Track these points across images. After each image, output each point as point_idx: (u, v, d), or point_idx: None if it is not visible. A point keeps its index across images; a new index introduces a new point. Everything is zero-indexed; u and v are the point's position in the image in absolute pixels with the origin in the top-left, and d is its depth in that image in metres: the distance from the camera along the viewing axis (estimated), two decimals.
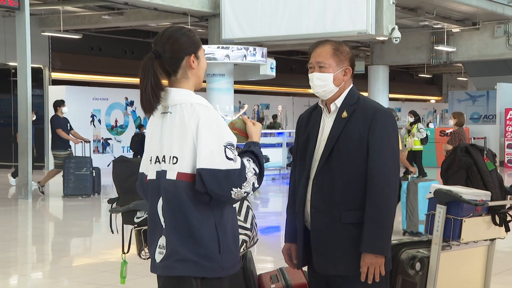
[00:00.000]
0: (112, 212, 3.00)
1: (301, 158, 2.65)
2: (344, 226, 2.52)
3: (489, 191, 3.23)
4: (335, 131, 2.55)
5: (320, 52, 2.60)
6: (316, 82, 2.58)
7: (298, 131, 2.71)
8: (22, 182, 11.05)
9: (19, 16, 11.27)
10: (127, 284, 3.13)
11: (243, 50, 14.59)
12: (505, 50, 19.70)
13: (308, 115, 2.69)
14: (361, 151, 2.50)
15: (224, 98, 15.05)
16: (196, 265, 2.20)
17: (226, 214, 2.27)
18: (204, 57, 2.38)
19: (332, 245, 2.53)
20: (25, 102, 11.17)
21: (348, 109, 2.57)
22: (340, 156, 2.51)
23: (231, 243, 2.27)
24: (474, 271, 3.35)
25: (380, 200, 2.48)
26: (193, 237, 2.21)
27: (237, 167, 2.18)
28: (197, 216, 2.21)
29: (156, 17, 16.13)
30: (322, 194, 2.54)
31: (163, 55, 2.29)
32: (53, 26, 17.17)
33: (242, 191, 2.20)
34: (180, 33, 2.31)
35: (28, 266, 6.46)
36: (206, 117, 2.22)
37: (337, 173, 2.51)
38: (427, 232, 3.17)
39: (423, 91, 32.40)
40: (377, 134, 2.50)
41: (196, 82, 2.33)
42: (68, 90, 17.42)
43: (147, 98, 2.25)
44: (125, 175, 3.02)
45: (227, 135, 2.23)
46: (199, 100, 2.27)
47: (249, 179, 2.20)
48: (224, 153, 2.17)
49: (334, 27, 14.14)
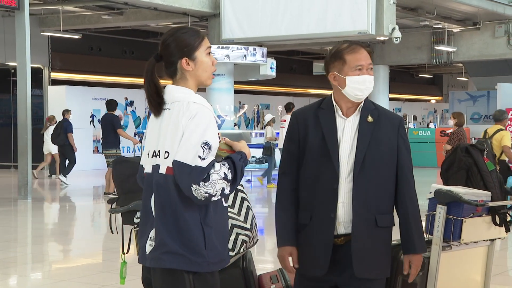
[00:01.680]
0: (112, 213, 3.00)
1: (315, 158, 2.57)
2: (379, 230, 2.56)
3: (489, 192, 3.22)
4: (364, 136, 2.55)
5: (366, 55, 2.59)
6: (370, 85, 2.57)
7: (299, 128, 2.62)
8: (22, 182, 11.04)
9: (18, 16, 11.27)
10: (126, 285, 3.13)
11: (243, 50, 14.59)
12: (505, 50, 19.69)
13: (314, 114, 2.62)
14: (392, 156, 2.59)
15: (224, 98, 15.05)
16: (183, 258, 2.26)
17: (212, 212, 2.30)
18: (206, 55, 2.38)
19: (371, 249, 2.55)
20: (25, 102, 11.17)
21: (371, 113, 2.59)
22: (374, 161, 2.54)
23: (216, 240, 2.30)
24: (474, 272, 3.34)
25: (417, 202, 2.62)
26: (181, 231, 2.26)
27: (202, 165, 2.22)
28: (184, 210, 2.27)
29: (156, 17, 16.13)
30: (362, 199, 2.53)
31: (163, 58, 2.39)
32: (53, 26, 17.17)
33: (202, 190, 2.21)
34: (176, 35, 2.37)
35: (28, 266, 6.45)
36: (198, 115, 2.28)
37: (373, 177, 2.54)
38: (427, 233, 3.17)
39: (424, 91, 32.40)
40: (405, 140, 2.63)
41: (196, 81, 2.38)
42: (67, 90, 17.41)
43: (150, 101, 2.36)
44: (125, 175, 3.02)
45: (210, 136, 2.26)
46: (197, 99, 2.32)
47: (213, 181, 2.22)
48: (198, 150, 2.23)
49: (334, 27, 14.13)
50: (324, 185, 2.55)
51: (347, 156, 2.55)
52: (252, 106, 20.72)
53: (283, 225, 2.65)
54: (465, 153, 3.32)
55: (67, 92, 17.31)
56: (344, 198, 2.54)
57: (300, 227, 2.62)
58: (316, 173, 2.57)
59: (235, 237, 2.91)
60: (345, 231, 2.55)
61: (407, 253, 2.61)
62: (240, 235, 2.94)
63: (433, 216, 3.15)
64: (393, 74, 23.70)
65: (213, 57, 2.42)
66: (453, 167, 3.37)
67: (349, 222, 2.55)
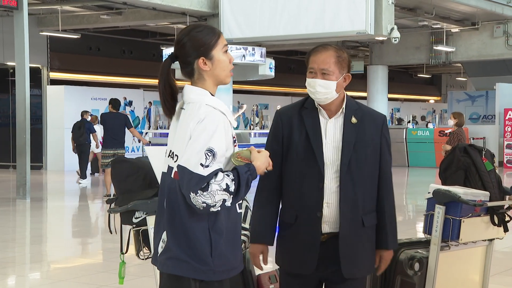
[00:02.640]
0: (110, 212, 2.99)
1: (300, 158, 2.58)
2: (366, 229, 2.59)
3: (487, 192, 3.22)
4: (349, 137, 2.55)
5: (324, 59, 2.57)
6: (319, 89, 2.56)
7: (283, 127, 2.61)
8: (20, 182, 11.04)
9: (17, 15, 11.26)
10: (125, 285, 3.13)
11: (242, 50, 14.59)
12: (504, 50, 19.70)
13: (298, 114, 2.62)
14: (376, 156, 2.61)
15: (223, 98, 14.95)
16: (187, 265, 2.20)
17: (222, 218, 2.23)
18: (223, 53, 2.29)
19: (358, 249, 2.57)
20: (23, 102, 11.16)
21: (355, 114, 2.59)
22: (359, 163, 2.55)
23: (225, 248, 2.23)
24: (473, 272, 3.35)
25: (393, 200, 2.67)
26: (186, 237, 2.21)
27: (202, 173, 2.13)
28: (190, 216, 2.21)
29: (155, 17, 16.12)
30: (350, 201, 2.54)
31: (178, 59, 2.31)
32: (52, 25, 17.16)
33: (199, 200, 2.12)
34: (191, 34, 2.28)
35: (26, 266, 6.45)
36: (206, 119, 2.19)
37: (358, 179, 2.55)
38: (426, 232, 3.17)
39: (422, 91, 32.42)
40: (387, 139, 2.66)
41: (215, 81, 2.30)
42: (66, 90, 17.40)
43: (163, 102, 2.30)
44: (124, 175, 3.02)
45: (216, 142, 2.17)
46: (211, 102, 2.25)
47: (212, 191, 2.12)
48: (201, 157, 2.15)
49: (333, 27, 14.13)
50: (309, 184, 2.55)
51: (331, 157, 2.56)
52: (251, 106, 20.71)
53: (259, 222, 2.65)
54: (463, 153, 3.32)
55: (66, 92, 17.30)
56: (329, 199, 2.55)
57: (286, 226, 2.62)
58: (302, 172, 2.57)
59: None
60: (330, 229, 2.56)
61: (380, 248, 2.65)
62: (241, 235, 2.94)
63: (431, 216, 3.16)
64: (392, 74, 23.70)
65: (230, 55, 2.34)
66: (451, 167, 3.38)
67: (334, 222, 2.55)
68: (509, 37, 19.58)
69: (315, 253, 2.55)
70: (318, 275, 2.59)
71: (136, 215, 2.92)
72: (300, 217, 2.57)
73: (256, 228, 2.66)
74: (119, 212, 2.96)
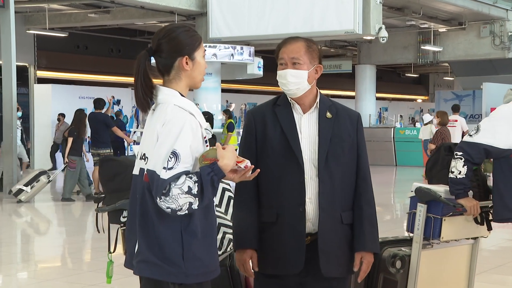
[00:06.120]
0: (98, 212, 2.99)
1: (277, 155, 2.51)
2: (344, 227, 2.53)
3: (471, 190, 3.26)
4: (325, 132, 2.51)
5: (293, 48, 2.54)
6: (291, 79, 2.49)
7: (256, 125, 2.54)
8: (8, 181, 10.97)
9: (3, 14, 11.19)
10: (113, 284, 3.13)
11: (230, 49, 14.59)
12: (490, 50, 19.85)
13: (271, 111, 2.55)
14: (353, 152, 2.55)
15: (211, 97, 15.04)
16: (157, 268, 2.17)
17: (196, 220, 2.17)
18: (203, 58, 2.29)
19: (336, 247, 2.51)
20: (10, 100, 11.10)
21: (329, 109, 2.55)
22: (336, 157, 2.50)
23: (199, 251, 2.17)
24: (458, 270, 3.37)
25: (373, 200, 2.58)
26: (157, 239, 2.17)
27: (163, 177, 2.09)
28: (163, 218, 2.17)
29: (143, 16, 16.08)
30: (328, 195, 2.48)
31: (157, 53, 2.25)
32: (39, 24, 17.05)
33: (163, 205, 2.09)
34: (178, 31, 2.25)
35: (13, 266, 6.42)
36: (172, 121, 2.15)
37: (336, 174, 2.50)
38: (409, 231, 3.20)
39: (410, 91, 32.57)
40: (363, 135, 2.60)
41: (189, 83, 2.28)
42: (53, 89, 17.30)
43: (138, 97, 2.24)
44: (111, 174, 3.02)
45: (181, 145, 2.12)
46: (180, 103, 2.20)
47: (173, 196, 2.08)
48: (164, 160, 2.11)
49: (321, 26, 14.18)
50: (290, 180, 2.48)
51: (308, 152, 2.51)
52: (240, 105, 20.70)
53: (241, 226, 2.54)
54: (448, 152, 3.36)
55: (53, 91, 17.20)
56: (311, 194, 2.49)
57: (265, 226, 2.52)
58: (280, 169, 2.50)
59: (222, 236, 2.93)
60: (313, 228, 2.50)
61: (358, 250, 2.53)
62: (227, 234, 2.95)
63: (414, 214, 3.19)
64: (380, 74, 23.80)
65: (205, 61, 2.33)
66: (437, 165, 3.41)
67: (316, 220, 2.49)
68: (495, 37, 19.73)
69: (302, 250, 2.46)
70: (301, 279, 2.52)
71: (124, 214, 2.91)
72: (282, 215, 2.49)
73: (238, 234, 2.55)
74: (107, 211, 2.96)
